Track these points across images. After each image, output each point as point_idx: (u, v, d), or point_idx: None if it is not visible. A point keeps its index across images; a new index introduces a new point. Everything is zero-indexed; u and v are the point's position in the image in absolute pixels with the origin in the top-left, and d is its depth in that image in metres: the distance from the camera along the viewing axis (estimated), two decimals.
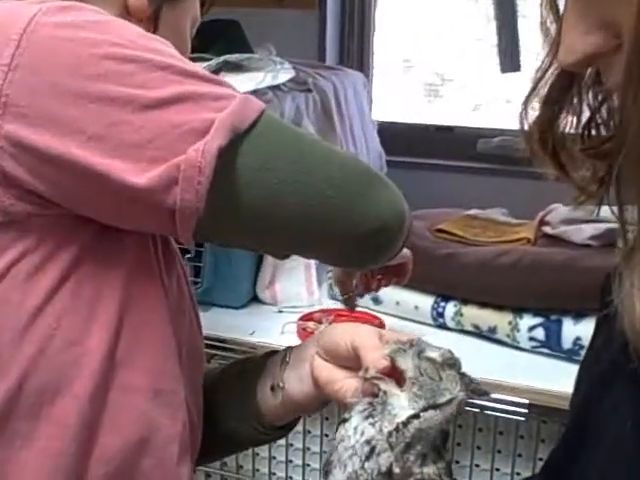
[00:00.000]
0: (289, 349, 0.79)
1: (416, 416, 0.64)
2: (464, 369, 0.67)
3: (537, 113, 0.61)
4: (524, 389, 1.23)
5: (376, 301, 1.42)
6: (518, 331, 1.30)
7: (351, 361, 0.69)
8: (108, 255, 0.68)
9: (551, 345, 1.28)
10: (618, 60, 0.47)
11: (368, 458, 0.63)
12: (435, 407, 0.65)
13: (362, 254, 0.74)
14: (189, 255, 1.40)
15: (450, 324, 1.36)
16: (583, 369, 0.66)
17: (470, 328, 1.35)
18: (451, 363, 0.67)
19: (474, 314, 1.34)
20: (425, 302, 1.38)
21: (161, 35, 0.78)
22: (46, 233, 0.65)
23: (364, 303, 1.44)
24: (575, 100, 0.59)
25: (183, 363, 0.75)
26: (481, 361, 1.29)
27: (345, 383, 0.68)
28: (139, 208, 0.65)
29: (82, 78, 0.62)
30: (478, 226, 1.53)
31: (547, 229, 1.47)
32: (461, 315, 1.35)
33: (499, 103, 2.16)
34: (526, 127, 0.61)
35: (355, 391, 0.66)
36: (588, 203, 0.61)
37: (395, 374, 0.66)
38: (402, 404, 0.65)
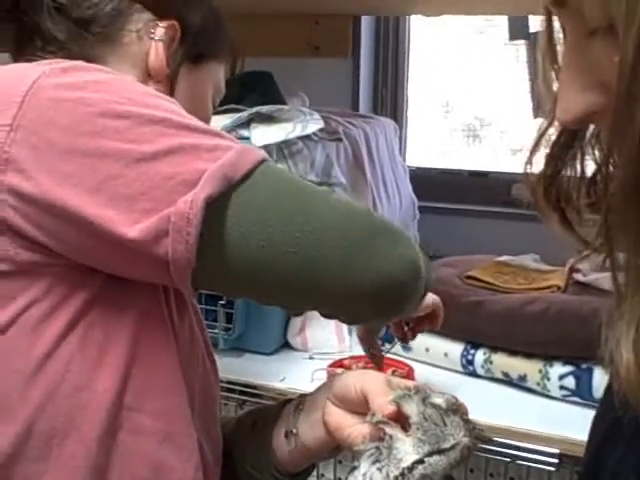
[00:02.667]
0: (303, 396, 0.81)
1: (421, 461, 0.65)
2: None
3: (541, 167, 0.62)
4: (555, 439, 1.22)
5: (406, 348, 1.42)
6: (548, 379, 1.29)
7: (361, 406, 0.70)
8: (117, 301, 0.70)
9: (582, 394, 1.27)
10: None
11: None
12: (439, 452, 0.66)
13: (374, 309, 0.74)
14: (222, 302, 1.43)
15: (480, 372, 1.36)
16: (594, 424, 0.66)
17: (500, 376, 1.35)
18: (455, 409, 0.67)
19: (504, 362, 1.34)
20: (455, 349, 1.38)
21: (178, 97, 0.81)
22: (54, 282, 0.68)
23: (394, 349, 1.45)
24: (579, 155, 0.60)
25: (195, 407, 0.76)
26: (511, 409, 1.29)
27: (354, 429, 0.70)
28: (135, 259, 0.67)
29: (78, 135, 0.65)
30: (508, 273, 1.54)
31: (578, 276, 1.47)
32: (491, 363, 1.35)
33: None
34: (531, 181, 0.62)
35: (364, 437, 0.67)
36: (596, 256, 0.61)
37: (401, 419, 0.67)
38: (407, 449, 0.66)
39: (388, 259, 0.70)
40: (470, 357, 1.37)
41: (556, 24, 0.57)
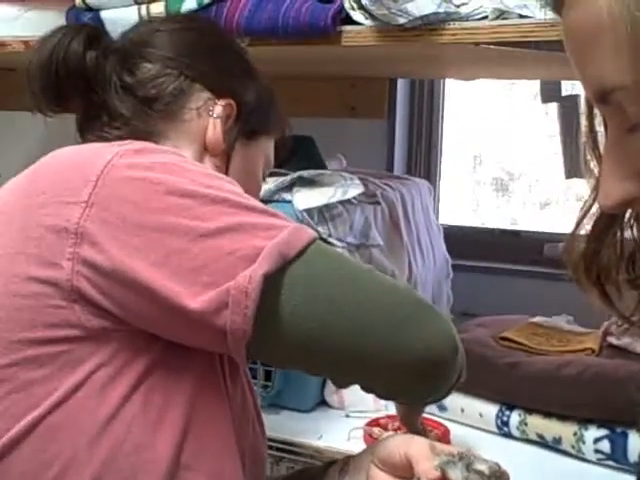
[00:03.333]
0: (348, 458, 0.84)
1: None
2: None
3: (583, 245, 0.65)
4: None
5: (441, 408, 1.45)
6: (583, 443, 1.30)
7: (405, 471, 0.73)
8: (176, 366, 0.75)
9: (617, 458, 1.28)
10: None
11: None
12: None
13: (418, 385, 0.78)
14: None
15: (515, 433, 1.38)
16: None
17: (535, 438, 1.36)
18: (498, 476, 0.70)
19: (539, 424, 1.35)
20: (490, 410, 1.40)
21: (232, 170, 0.86)
22: (119, 347, 0.73)
23: (429, 410, 1.47)
24: (618, 234, 0.64)
25: (246, 468, 0.80)
26: (546, 472, 1.30)
27: None
28: (195, 328, 0.71)
29: (146, 212, 0.71)
30: (542, 334, 1.56)
31: (612, 339, 1.49)
32: (525, 424, 1.37)
33: (569, 201, 2.19)
34: (574, 259, 0.66)
35: None
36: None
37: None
38: None
39: (433, 332, 0.74)
40: (505, 418, 1.39)
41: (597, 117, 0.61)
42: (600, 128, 0.60)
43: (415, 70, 1.93)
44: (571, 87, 1.96)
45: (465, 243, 2.11)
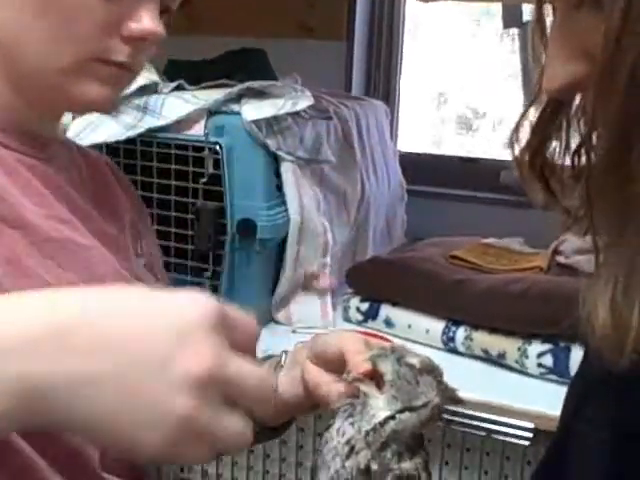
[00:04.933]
0: (285, 353, 0.83)
1: (392, 417, 0.67)
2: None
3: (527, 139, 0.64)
4: (531, 414, 1.24)
5: (388, 324, 1.45)
6: (527, 357, 1.31)
7: (339, 365, 0.72)
8: None
9: (559, 371, 1.29)
10: None
11: (348, 457, 0.67)
12: (411, 409, 0.68)
13: None
14: (208, 274, 1.45)
15: (460, 349, 1.38)
16: (569, 392, 0.69)
17: (480, 353, 1.37)
18: (430, 369, 0.70)
19: (484, 339, 1.36)
20: (436, 326, 1.40)
21: None
22: None
23: (377, 325, 1.47)
24: (564, 127, 0.62)
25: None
26: (490, 386, 1.31)
27: (331, 387, 0.72)
28: None
29: None
30: (493, 254, 1.56)
31: (560, 258, 1.49)
32: (471, 340, 1.37)
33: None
34: (516, 153, 0.64)
35: (340, 395, 0.70)
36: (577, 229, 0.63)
37: (376, 378, 0.69)
38: (380, 405, 0.68)
39: None
40: (451, 334, 1.39)
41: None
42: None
43: None
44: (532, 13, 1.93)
45: (423, 170, 2.09)
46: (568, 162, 0.62)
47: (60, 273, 0.69)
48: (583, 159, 0.59)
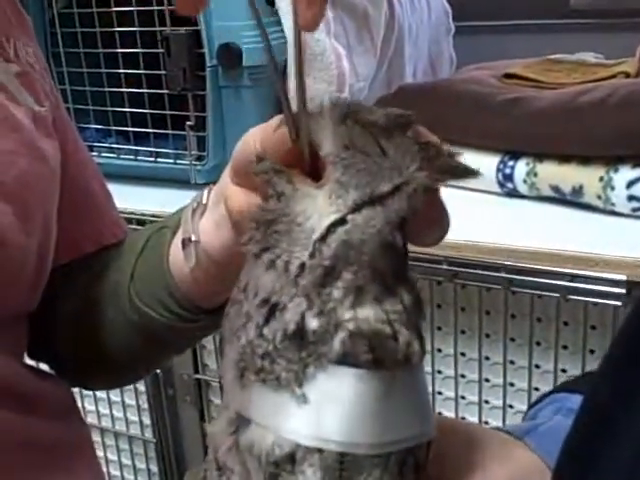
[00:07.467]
0: (208, 191, 0.55)
1: (341, 221, 0.36)
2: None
3: None
4: (622, 263, 0.90)
5: None
6: (612, 189, 0.96)
7: None
8: None
9: None
10: None
11: (268, 320, 0.35)
12: (373, 202, 0.36)
13: None
14: (189, 123, 1.14)
15: (522, 189, 1.04)
16: None
17: (548, 192, 1.02)
18: (403, 124, 0.37)
19: (553, 172, 1.01)
20: (488, 163, 1.05)
21: None
22: None
23: None
24: None
25: None
26: (564, 232, 0.97)
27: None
28: None
29: None
30: (562, 70, 1.19)
31: None
32: (535, 175, 1.02)
33: None
34: None
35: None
36: None
37: (314, 164, 0.38)
38: (318, 207, 0.36)
39: None
40: (508, 170, 1.04)
41: None
42: None
43: None
44: None
45: None
46: None
47: None
48: None
